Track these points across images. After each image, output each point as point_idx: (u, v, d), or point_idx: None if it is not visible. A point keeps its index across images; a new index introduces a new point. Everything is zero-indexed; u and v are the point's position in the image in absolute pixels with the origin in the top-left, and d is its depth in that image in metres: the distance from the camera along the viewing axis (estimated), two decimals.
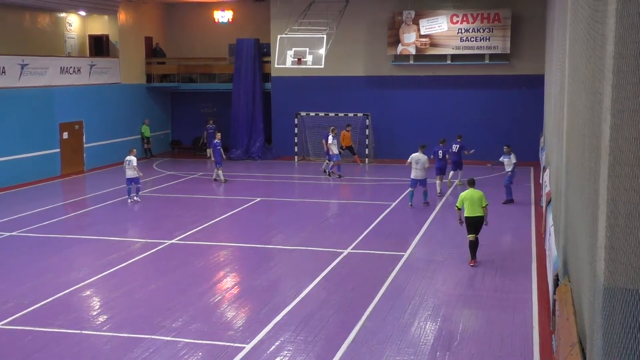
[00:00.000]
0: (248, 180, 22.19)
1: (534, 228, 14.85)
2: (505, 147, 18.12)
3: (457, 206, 12.29)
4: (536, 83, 24.10)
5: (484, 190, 12.40)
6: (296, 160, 26.61)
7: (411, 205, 17.00)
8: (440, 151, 19.10)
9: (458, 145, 19.88)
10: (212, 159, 20.22)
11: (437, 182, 18.81)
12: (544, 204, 14.30)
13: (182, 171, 22.54)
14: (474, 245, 12.02)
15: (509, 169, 17.78)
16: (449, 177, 20.10)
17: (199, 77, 28.99)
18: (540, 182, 18.38)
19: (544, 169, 17.00)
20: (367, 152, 25.82)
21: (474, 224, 11.93)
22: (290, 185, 22.06)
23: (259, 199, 18.90)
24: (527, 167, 22.83)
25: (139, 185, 18.21)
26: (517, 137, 23.60)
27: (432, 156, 18.85)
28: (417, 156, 16.96)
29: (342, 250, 12.96)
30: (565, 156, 8.34)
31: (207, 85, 28.71)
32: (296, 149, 26.66)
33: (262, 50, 27.46)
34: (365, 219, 15.86)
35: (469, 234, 12.06)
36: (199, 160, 26.63)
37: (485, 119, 25.23)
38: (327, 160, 22.67)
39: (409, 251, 12.93)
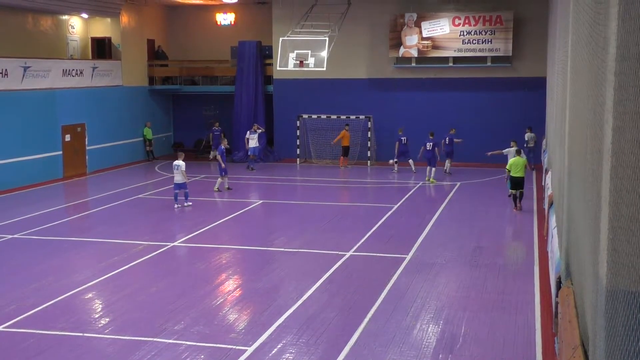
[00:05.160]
0: (250, 183, 22.20)
1: (537, 230, 14.84)
2: (527, 129, 23.57)
3: (507, 169, 16.85)
4: (538, 85, 24.09)
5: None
6: (298, 162, 26.62)
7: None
8: (430, 143, 21.76)
9: (449, 137, 23.01)
10: (223, 164, 19.87)
11: (427, 168, 21.68)
12: (546, 206, 14.28)
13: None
14: (519, 197, 16.69)
15: (531, 144, 23.25)
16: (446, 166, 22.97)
17: (201, 80, 29.03)
18: (543, 184, 18.39)
19: (546, 171, 17.01)
20: (369, 155, 25.84)
21: (517, 182, 16.68)
22: (292, 188, 22.07)
23: (260, 202, 18.92)
24: (529, 170, 22.81)
25: (187, 190, 17.52)
26: (519, 139, 23.43)
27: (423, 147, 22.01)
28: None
29: (344, 253, 12.96)
30: (568, 158, 8.34)
31: (209, 87, 28.78)
32: (298, 152, 26.70)
33: (264, 53, 27.50)
34: (368, 221, 15.87)
35: (511, 189, 16.82)
36: (202, 162, 26.65)
37: (485, 121, 25.25)
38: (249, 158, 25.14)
39: (411, 253, 12.93)
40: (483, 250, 13.30)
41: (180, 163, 17.33)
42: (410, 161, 23.38)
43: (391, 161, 23.86)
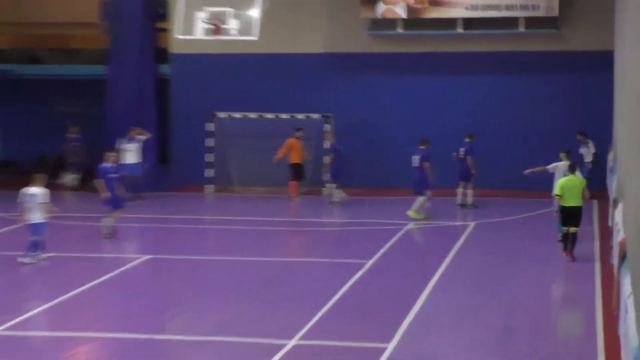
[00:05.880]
0: (129, 226, 21.98)
1: (600, 299, 14.94)
2: (579, 136, 24.13)
3: (556, 194, 17.09)
4: (601, 64, 24.41)
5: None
6: (211, 191, 26.53)
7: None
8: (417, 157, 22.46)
9: (464, 148, 23.64)
10: (103, 194, 20.08)
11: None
12: (615, 261, 14.31)
13: (15, 212, 21.96)
14: (572, 239, 16.88)
15: (588, 159, 23.78)
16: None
17: (51, 56, 28.94)
18: (609, 224, 18.52)
19: (615, 202, 17.15)
20: (324, 178, 25.68)
21: (573, 215, 16.81)
22: (200, 233, 22.06)
23: (148, 257, 18.82)
24: (588, 200, 23.02)
25: (40, 238, 17.64)
26: (572, 148, 23.62)
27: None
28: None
29: (284, 342, 12.79)
30: None
31: (64, 68, 28.82)
32: (211, 173, 26.69)
33: (156, 12, 27.58)
34: (324, 287, 15.85)
35: (563, 226, 16.93)
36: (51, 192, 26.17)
37: (516, 121, 25.51)
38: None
39: (395, 341, 12.80)
40: (515, 334, 13.33)
41: (37, 191, 17.44)
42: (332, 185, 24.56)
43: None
